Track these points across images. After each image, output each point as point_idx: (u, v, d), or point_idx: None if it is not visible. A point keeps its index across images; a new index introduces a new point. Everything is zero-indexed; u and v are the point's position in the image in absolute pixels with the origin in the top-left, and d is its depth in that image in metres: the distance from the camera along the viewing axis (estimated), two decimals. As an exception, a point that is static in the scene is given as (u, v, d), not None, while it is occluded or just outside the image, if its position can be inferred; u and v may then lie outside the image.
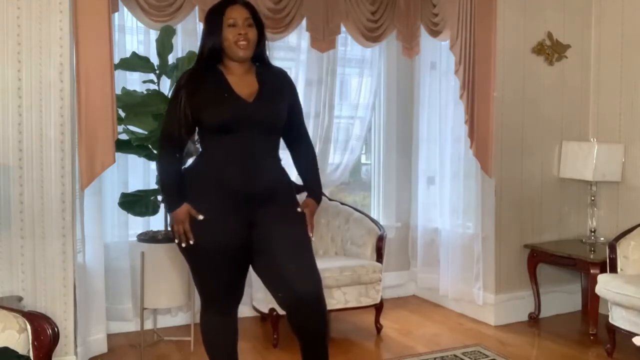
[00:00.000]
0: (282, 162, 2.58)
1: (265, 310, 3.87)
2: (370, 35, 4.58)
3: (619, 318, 3.49)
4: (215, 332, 2.64)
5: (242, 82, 2.44)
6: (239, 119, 2.37)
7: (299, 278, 2.39)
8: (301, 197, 2.94)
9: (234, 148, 2.38)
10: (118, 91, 3.48)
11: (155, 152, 3.61)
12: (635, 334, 3.42)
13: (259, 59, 2.52)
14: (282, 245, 2.42)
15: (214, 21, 2.43)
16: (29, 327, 2.21)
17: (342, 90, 4.92)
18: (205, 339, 2.67)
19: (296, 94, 2.63)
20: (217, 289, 2.54)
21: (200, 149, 2.53)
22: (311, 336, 2.50)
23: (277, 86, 2.51)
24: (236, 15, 2.40)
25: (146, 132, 3.54)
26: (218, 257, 2.44)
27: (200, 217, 2.39)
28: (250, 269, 2.55)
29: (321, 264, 3.85)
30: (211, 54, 2.44)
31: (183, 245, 2.44)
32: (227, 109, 2.38)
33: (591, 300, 3.83)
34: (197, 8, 3.97)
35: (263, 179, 2.42)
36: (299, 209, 2.53)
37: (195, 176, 2.48)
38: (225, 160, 2.40)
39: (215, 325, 2.63)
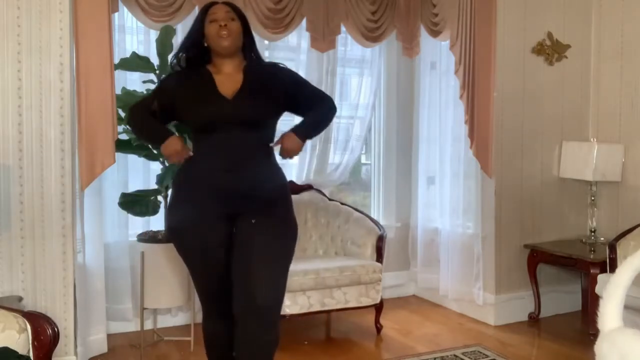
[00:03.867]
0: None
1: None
2: (370, 35, 4.58)
3: (619, 318, 3.49)
4: (216, 336, 2.61)
5: (227, 80, 2.44)
6: (219, 117, 2.37)
7: (262, 289, 2.34)
8: (299, 197, 2.92)
9: (218, 146, 2.37)
10: (118, 91, 3.47)
11: (155, 152, 3.61)
12: (635, 334, 3.42)
13: (247, 57, 2.52)
14: (257, 252, 2.37)
15: (197, 19, 2.49)
16: (29, 327, 2.21)
17: (342, 90, 4.91)
18: (206, 342, 2.65)
19: (291, 75, 2.59)
20: (212, 289, 2.52)
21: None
22: (253, 347, 2.39)
23: (264, 81, 2.47)
24: (217, 11, 2.45)
25: (146, 132, 3.54)
26: (207, 257, 2.43)
27: (190, 153, 2.40)
28: None
29: (321, 264, 3.89)
30: (194, 51, 2.48)
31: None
32: (207, 107, 2.39)
33: (591, 300, 3.83)
34: (197, 8, 3.96)
35: (247, 177, 2.38)
36: (287, 214, 2.49)
37: (182, 176, 2.49)
38: (209, 159, 2.39)
39: (215, 328, 2.60)
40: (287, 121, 2.71)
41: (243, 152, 2.38)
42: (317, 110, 2.57)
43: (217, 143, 2.38)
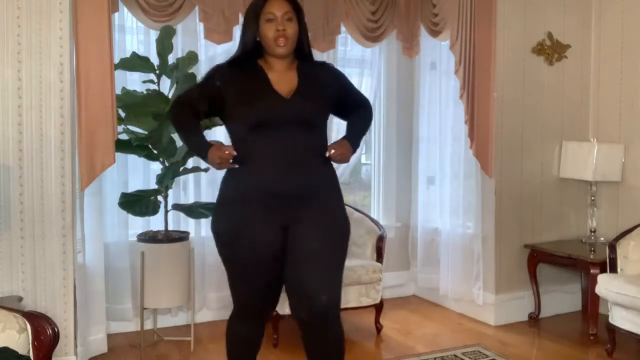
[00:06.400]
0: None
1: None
2: (370, 35, 4.58)
3: (619, 318, 3.49)
4: (240, 339, 2.56)
5: (282, 79, 2.36)
6: (274, 115, 2.28)
7: (317, 291, 2.30)
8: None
9: (270, 146, 2.28)
10: (118, 91, 3.47)
11: (155, 152, 3.61)
12: (635, 334, 3.42)
13: (300, 54, 2.42)
14: (311, 255, 2.32)
15: (251, 16, 2.36)
16: (29, 327, 2.21)
17: (342, 90, 4.90)
18: (229, 343, 2.59)
19: (343, 79, 2.53)
20: (250, 297, 2.43)
21: (239, 149, 2.37)
22: (319, 352, 2.43)
23: (317, 82, 2.39)
24: (274, 9, 2.30)
25: (146, 132, 3.54)
26: (251, 265, 2.35)
27: (234, 152, 2.29)
28: None
29: (321, 264, 3.88)
30: (248, 49, 2.37)
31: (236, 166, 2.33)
32: (263, 105, 2.30)
33: (591, 300, 3.83)
34: (197, 8, 3.98)
35: (300, 179, 2.30)
36: (340, 214, 2.43)
37: (232, 178, 2.40)
38: (260, 159, 2.30)
39: (241, 332, 2.54)
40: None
41: (297, 152, 2.30)
42: (362, 119, 2.54)
43: (270, 144, 2.29)
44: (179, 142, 3.66)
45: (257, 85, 2.33)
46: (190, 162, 3.81)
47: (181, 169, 3.68)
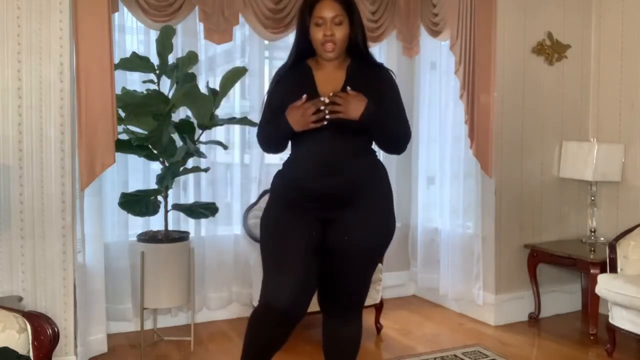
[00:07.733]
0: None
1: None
2: (370, 35, 4.56)
3: (619, 318, 3.49)
4: (258, 342, 2.47)
5: (328, 79, 2.36)
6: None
7: (346, 289, 2.43)
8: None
9: (312, 147, 2.32)
10: (118, 91, 3.47)
11: (155, 152, 3.61)
12: (635, 334, 3.42)
13: (355, 52, 2.41)
14: (344, 254, 2.36)
15: (301, 19, 2.37)
16: (29, 327, 2.21)
17: (342, 90, 4.90)
18: (247, 337, 2.49)
19: (390, 89, 2.46)
20: (279, 291, 2.33)
21: (292, 150, 2.47)
22: (337, 343, 2.54)
23: (365, 84, 2.33)
24: (324, 12, 2.29)
25: (146, 132, 3.54)
26: (284, 256, 2.34)
27: (305, 95, 2.27)
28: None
29: (321, 264, 3.88)
30: (300, 50, 2.40)
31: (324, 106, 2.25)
32: None
33: (591, 300, 3.83)
34: (197, 8, 3.97)
35: (341, 180, 2.30)
36: (383, 216, 2.43)
37: (279, 174, 2.46)
38: (303, 160, 2.35)
39: (260, 333, 2.44)
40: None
41: (338, 153, 2.31)
42: (393, 124, 2.44)
43: (309, 145, 2.32)
44: (179, 142, 3.67)
45: (302, 87, 2.34)
46: (190, 162, 3.81)
47: (181, 169, 3.68)
